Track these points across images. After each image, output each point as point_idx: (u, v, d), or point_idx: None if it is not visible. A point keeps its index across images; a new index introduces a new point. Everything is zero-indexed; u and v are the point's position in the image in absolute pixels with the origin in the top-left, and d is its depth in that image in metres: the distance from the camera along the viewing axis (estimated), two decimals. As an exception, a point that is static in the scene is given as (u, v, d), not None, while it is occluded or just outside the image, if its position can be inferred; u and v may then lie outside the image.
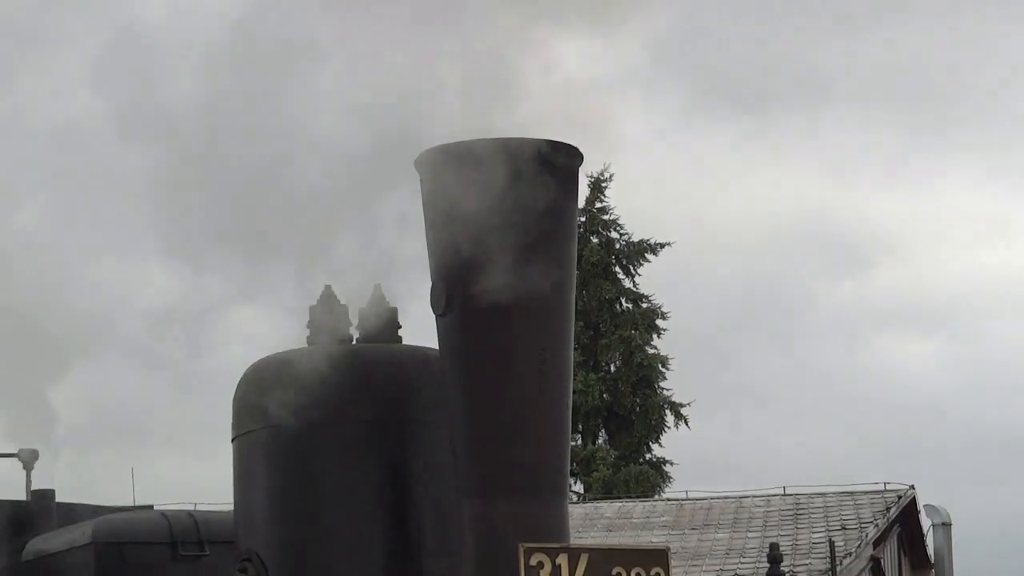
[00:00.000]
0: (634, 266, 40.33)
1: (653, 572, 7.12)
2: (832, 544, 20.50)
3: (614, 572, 7.04)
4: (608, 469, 36.96)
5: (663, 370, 39.50)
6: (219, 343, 8.28)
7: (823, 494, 25.88)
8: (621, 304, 39.91)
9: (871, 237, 58.80)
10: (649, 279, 40.18)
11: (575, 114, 7.32)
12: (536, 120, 7.25)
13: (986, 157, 60.91)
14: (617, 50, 7.62)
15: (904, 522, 26.69)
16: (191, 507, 13.07)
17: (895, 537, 26.64)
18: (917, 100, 56.13)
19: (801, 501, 25.60)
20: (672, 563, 7.34)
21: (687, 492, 28.05)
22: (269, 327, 8.27)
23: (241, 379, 8.26)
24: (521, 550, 6.90)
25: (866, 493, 25.57)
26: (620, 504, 28.42)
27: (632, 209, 40.17)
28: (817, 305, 55.71)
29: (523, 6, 7.12)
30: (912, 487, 26.01)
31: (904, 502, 25.54)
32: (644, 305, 39.84)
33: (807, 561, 21.80)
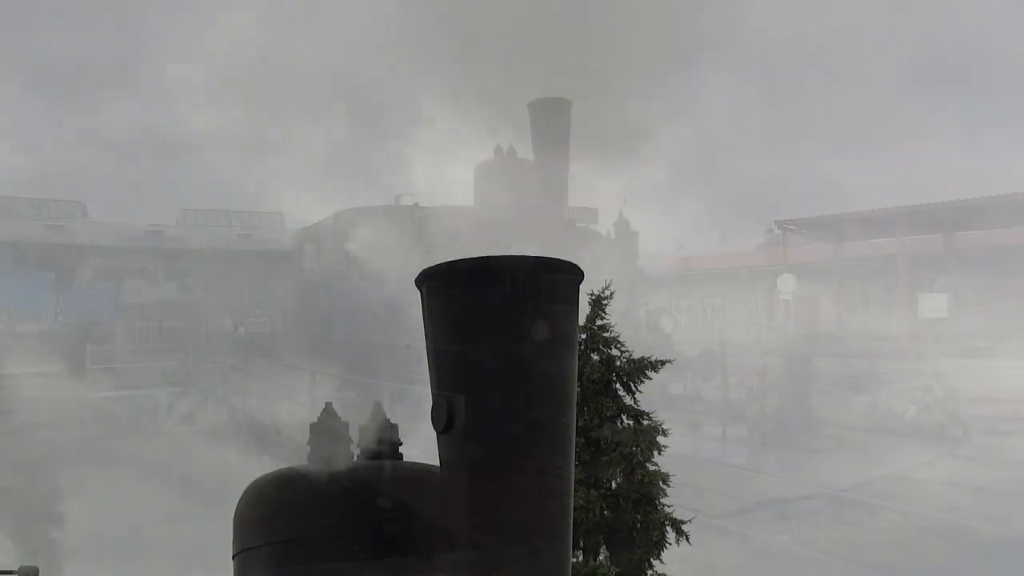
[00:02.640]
0: (635, 383, 40.29)
1: None
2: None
3: None
4: (610, 587, 36.68)
5: (664, 487, 39.34)
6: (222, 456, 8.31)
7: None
8: (622, 421, 39.84)
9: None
10: (651, 396, 40.12)
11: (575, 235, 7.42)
12: (538, 239, 7.37)
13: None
14: (635, 167, 7.74)
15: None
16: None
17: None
18: (929, 214, 56.28)
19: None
20: None
21: (689, 610, 27.78)
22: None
23: (242, 496, 8.26)
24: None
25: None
26: (622, 622, 28.14)
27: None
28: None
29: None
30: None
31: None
32: (645, 422, 39.76)
33: None
